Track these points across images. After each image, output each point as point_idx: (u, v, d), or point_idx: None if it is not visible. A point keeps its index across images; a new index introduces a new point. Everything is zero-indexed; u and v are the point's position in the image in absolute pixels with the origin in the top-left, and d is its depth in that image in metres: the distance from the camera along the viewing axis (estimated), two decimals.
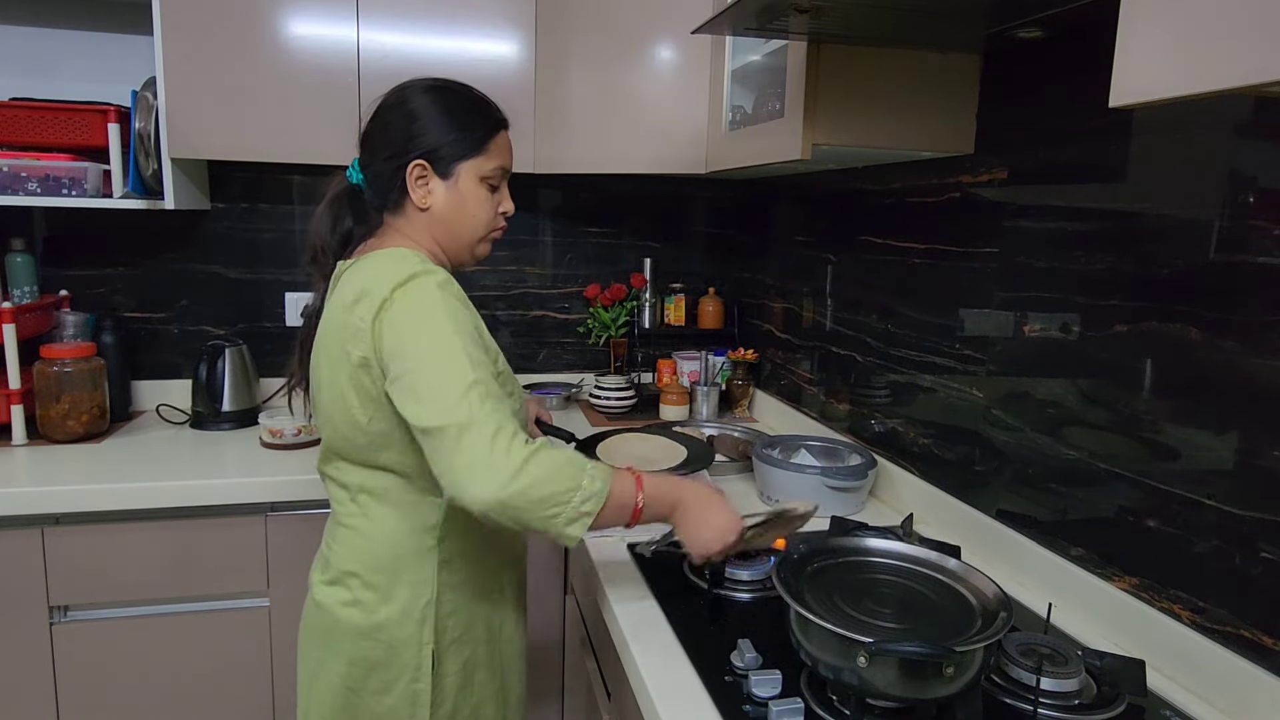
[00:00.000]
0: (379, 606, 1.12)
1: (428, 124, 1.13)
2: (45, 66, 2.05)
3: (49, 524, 1.63)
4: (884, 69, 1.37)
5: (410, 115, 1.13)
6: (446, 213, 1.15)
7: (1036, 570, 1.29)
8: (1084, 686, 1.01)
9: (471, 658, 1.18)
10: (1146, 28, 0.68)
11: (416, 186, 1.14)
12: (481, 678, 1.19)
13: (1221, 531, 1.00)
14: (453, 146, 1.13)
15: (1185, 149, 1.05)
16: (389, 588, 1.12)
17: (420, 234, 1.16)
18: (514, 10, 1.99)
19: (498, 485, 0.94)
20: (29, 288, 2.00)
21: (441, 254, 1.19)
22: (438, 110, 1.13)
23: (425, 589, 1.13)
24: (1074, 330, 1.23)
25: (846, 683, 0.91)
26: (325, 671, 1.16)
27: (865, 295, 1.82)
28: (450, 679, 1.15)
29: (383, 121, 1.16)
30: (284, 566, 1.76)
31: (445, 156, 1.13)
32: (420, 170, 1.13)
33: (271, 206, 2.25)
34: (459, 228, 1.17)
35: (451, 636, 1.15)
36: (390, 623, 1.12)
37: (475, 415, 0.96)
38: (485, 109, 1.18)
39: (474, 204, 1.16)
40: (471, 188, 1.16)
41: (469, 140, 1.14)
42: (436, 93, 1.15)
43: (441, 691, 1.14)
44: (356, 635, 1.13)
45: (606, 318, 2.44)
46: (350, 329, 1.05)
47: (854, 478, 1.61)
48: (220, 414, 2.07)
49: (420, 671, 1.13)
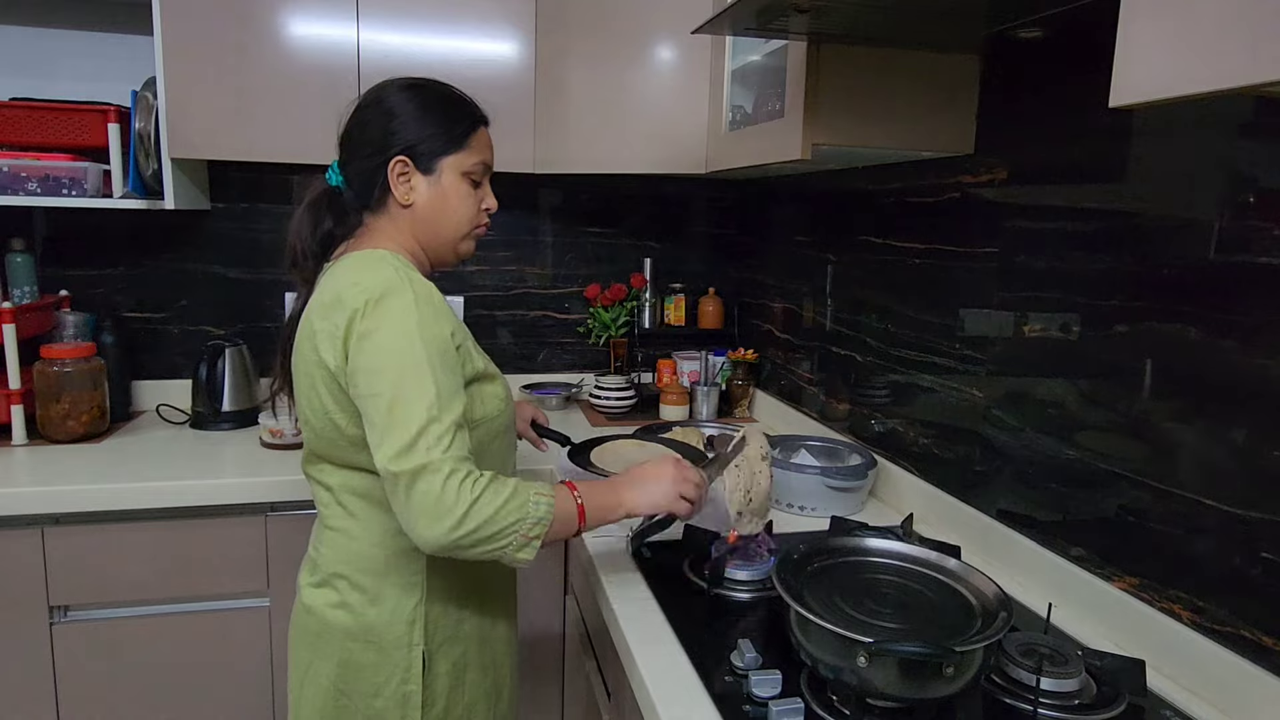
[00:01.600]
0: (368, 608, 1.12)
1: (407, 121, 1.12)
2: (45, 66, 2.05)
3: (49, 524, 1.63)
4: (884, 69, 1.37)
5: (389, 113, 1.13)
6: (429, 209, 1.15)
7: (1036, 570, 1.29)
8: (1084, 686, 1.01)
9: (462, 657, 1.17)
10: (1146, 27, 0.68)
11: (399, 183, 1.13)
12: (473, 677, 1.19)
13: (1221, 531, 1.00)
14: (433, 142, 1.13)
15: (1185, 149, 1.05)
16: (377, 589, 1.12)
17: (402, 234, 1.16)
18: (514, 10, 1.99)
19: (446, 529, 0.96)
20: (29, 288, 2.00)
21: (423, 254, 1.18)
22: (416, 107, 1.13)
23: (414, 590, 1.12)
24: (1074, 330, 1.23)
25: (846, 683, 0.91)
26: (315, 674, 1.15)
27: (865, 295, 1.82)
28: (441, 679, 1.15)
29: (361, 120, 1.15)
30: (284, 566, 1.76)
31: (426, 152, 1.13)
32: (402, 166, 1.12)
33: (271, 206, 2.25)
34: (442, 224, 1.16)
35: (442, 637, 1.15)
36: (379, 624, 1.12)
37: (430, 460, 0.97)
38: (464, 105, 1.18)
39: (456, 199, 1.16)
40: (454, 183, 1.15)
41: (450, 135, 1.14)
42: (414, 90, 1.15)
43: (433, 692, 1.14)
44: (345, 637, 1.12)
45: (606, 318, 2.44)
46: (324, 334, 1.05)
47: (854, 478, 1.61)
48: (220, 414, 2.07)
49: (410, 673, 1.12)
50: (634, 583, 1.29)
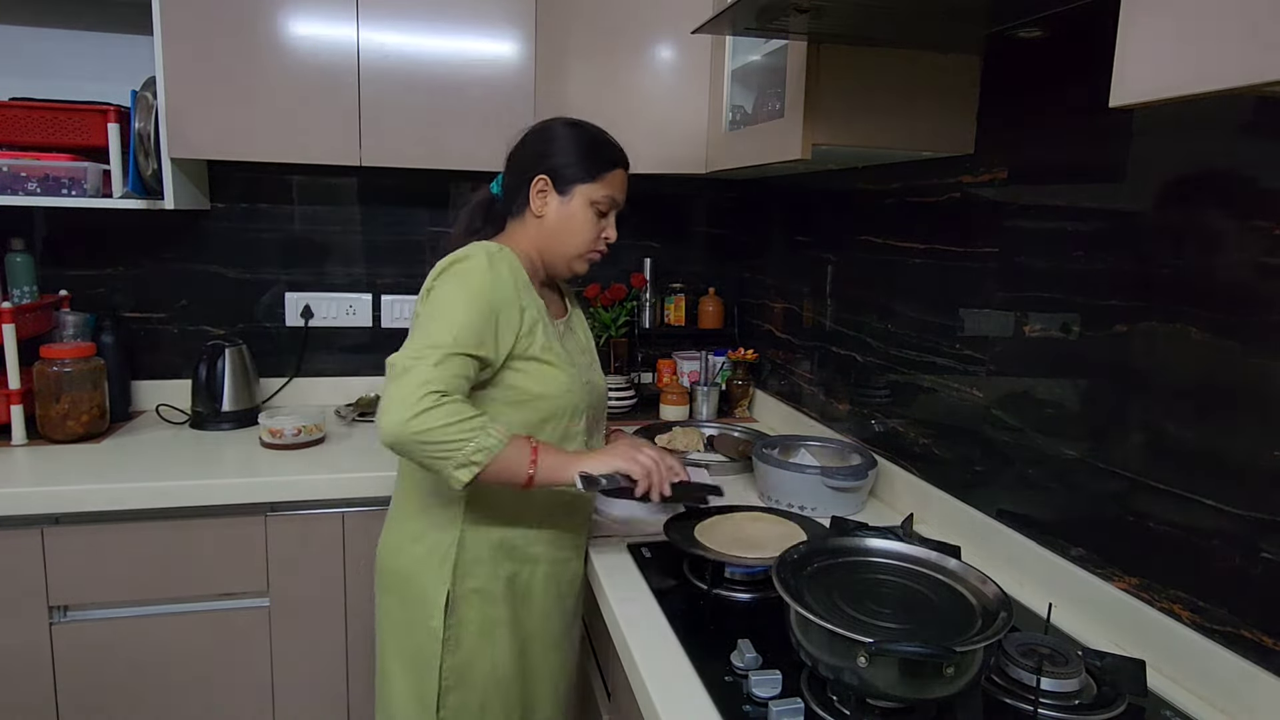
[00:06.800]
0: (412, 546, 1.29)
1: (558, 148, 1.31)
2: (45, 66, 2.05)
3: (49, 524, 1.63)
4: (884, 69, 1.37)
5: (546, 140, 1.33)
6: (556, 225, 1.32)
7: (1036, 570, 1.29)
8: (1084, 686, 1.01)
9: (492, 614, 1.28)
10: (1146, 28, 0.68)
11: (536, 197, 1.31)
12: (502, 634, 1.29)
13: (1221, 531, 1.00)
14: (573, 169, 1.30)
15: (1185, 149, 1.05)
16: (421, 530, 1.28)
17: (528, 239, 1.33)
18: (514, 10, 1.99)
19: (400, 422, 1.08)
20: (29, 288, 2.00)
21: (539, 259, 1.34)
22: (567, 139, 1.32)
23: (451, 530, 1.27)
24: (1074, 330, 1.23)
25: (846, 683, 0.91)
26: (384, 609, 1.34)
27: (865, 295, 1.82)
28: (469, 627, 1.27)
29: (524, 142, 1.36)
30: (284, 566, 1.76)
31: (565, 177, 1.31)
32: (542, 184, 1.31)
33: (271, 206, 2.24)
34: (564, 240, 1.32)
35: (471, 585, 1.27)
36: (417, 561, 1.28)
37: (418, 366, 1.11)
38: (608, 147, 1.34)
39: (580, 223, 1.31)
40: (581, 208, 1.31)
41: (588, 167, 1.31)
42: (572, 126, 1.34)
43: (457, 637, 1.26)
44: (396, 575, 1.30)
45: (606, 318, 2.44)
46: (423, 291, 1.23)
47: (854, 478, 1.61)
48: (220, 414, 2.07)
49: (435, 608, 1.25)
50: (634, 583, 1.29)
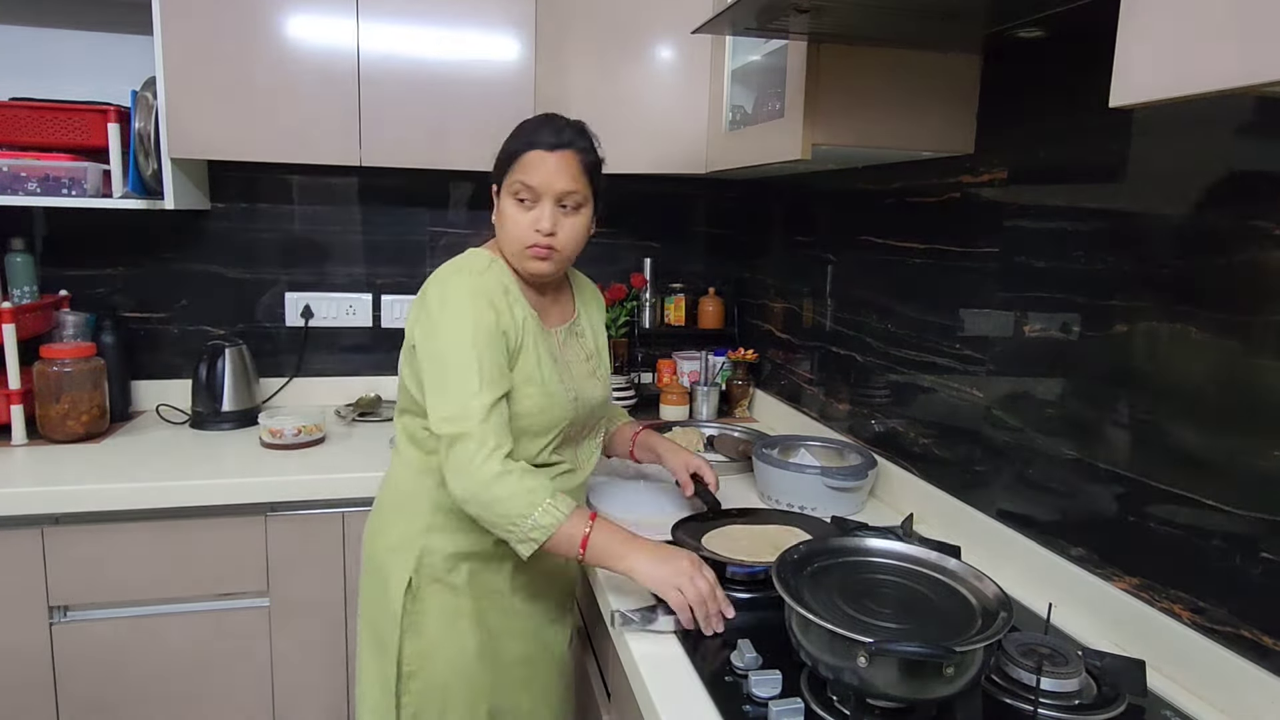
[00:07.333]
0: (385, 533, 1.32)
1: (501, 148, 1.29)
2: (45, 66, 2.05)
3: (49, 524, 1.63)
4: (884, 69, 1.37)
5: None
6: (499, 227, 1.30)
7: (1036, 570, 1.29)
8: (1084, 686, 1.01)
9: (454, 604, 1.29)
10: (1146, 28, 0.68)
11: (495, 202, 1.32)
12: (465, 626, 1.29)
13: (1221, 531, 1.00)
14: (498, 167, 1.29)
15: (1185, 149, 1.05)
16: (394, 520, 1.32)
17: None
18: (514, 10, 1.99)
19: (470, 493, 1.14)
20: (29, 288, 2.00)
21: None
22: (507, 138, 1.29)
23: (418, 520, 1.29)
24: (1074, 330, 1.23)
25: (846, 683, 0.91)
26: (361, 594, 1.38)
27: (865, 295, 1.82)
28: (430, 615, 1.28)
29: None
30: (284, 566, 1.76)
31: (496, 175, 1.30)
32: (495, 190, 1.31)
33: (271, 206, 2.24)
34: (504, 241, 1.29)
35: (432, 574, 1.28)
36: (388, 548, 1.31)
37: (471, 429, 1.14)
38: (523, 131, 1.28)
39: (508, 219, 1.27)
40: (507, 203, 1.27)
41: (504, 158, 1.28)
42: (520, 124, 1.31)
43: (418, 625, 1.28)
44: (370, 560, 1.35)
45: (607, 318, 2.44)
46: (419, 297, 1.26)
47: (854, 478, 1.61)
48: (220, 414, 2.07)
49: (397, 593, 1.27)
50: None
